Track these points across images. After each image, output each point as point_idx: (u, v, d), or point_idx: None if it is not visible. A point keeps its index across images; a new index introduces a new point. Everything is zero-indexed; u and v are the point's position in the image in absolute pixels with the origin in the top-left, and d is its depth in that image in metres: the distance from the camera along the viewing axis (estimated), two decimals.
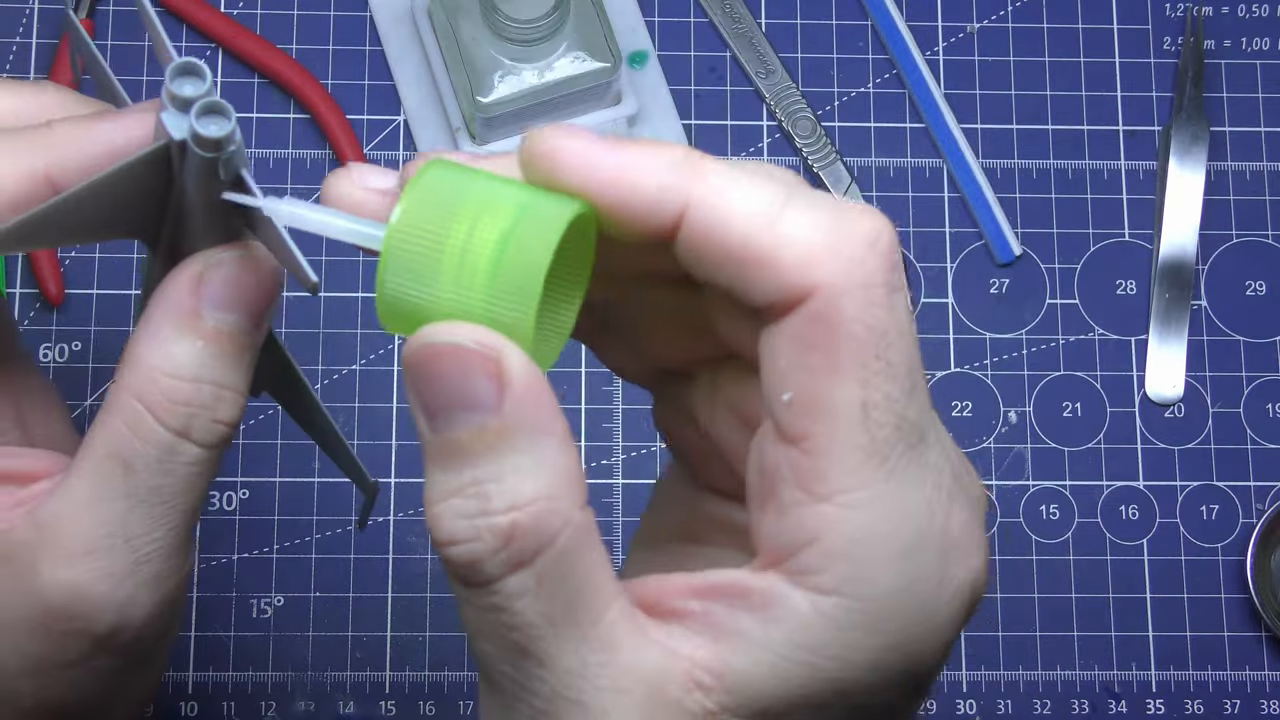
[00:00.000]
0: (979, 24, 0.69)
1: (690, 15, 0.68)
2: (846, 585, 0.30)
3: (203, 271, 0.35)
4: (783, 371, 0.30)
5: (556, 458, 0.30)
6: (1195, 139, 0.67)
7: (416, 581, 0.62)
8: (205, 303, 0.35)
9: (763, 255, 0.30)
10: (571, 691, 0.30)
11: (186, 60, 0.33)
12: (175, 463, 0.36)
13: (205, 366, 0.35)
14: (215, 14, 0.66)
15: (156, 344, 0.35)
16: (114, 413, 0.35)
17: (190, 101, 0.33)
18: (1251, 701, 0.63)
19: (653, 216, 0.31)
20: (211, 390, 0.36)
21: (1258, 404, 0.66)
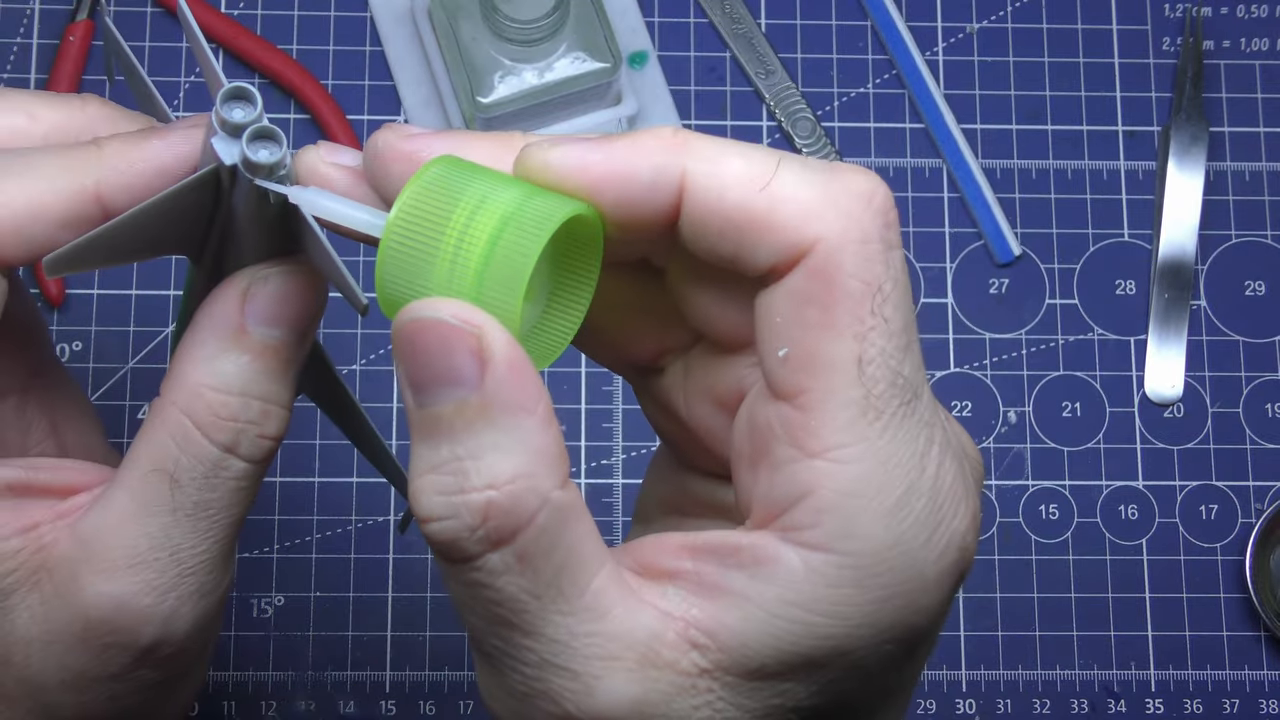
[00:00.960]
0: (979, 24, 0.69)
1: (690, 15, 0.68)
2: (837, 541, 0.30)
3: (248, 287, 0.36)
4: (779, 328, 0.31)
5: (536, 437, 0.30)
6: (1194, 139, 0.67)
7: (416, 581, 0.62)
8: (251, 318, 0.36)
9: (760, 218, 0.31)
10: (560, 659, 0.30)
11: (237, 85, 0.33)
12: (221, 477, 0.36)
13: (252, 381, 0.36)
14: (215, 14, 0.66)
15: (203, 359, 0.36)
16: (160, 427, 0.36)
17: (241, 127, 0.33)
18: (1251, 701, 0.63)
19: (652, 199, 0.31)
20: (259, 405, 0.36)
21: (1257, 404, 0.66)
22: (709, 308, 0.34)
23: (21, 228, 0.35)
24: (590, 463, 0.64)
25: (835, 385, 0.30)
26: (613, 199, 0.31)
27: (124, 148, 0.36)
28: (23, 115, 0.38)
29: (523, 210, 0.31)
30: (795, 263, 0.31)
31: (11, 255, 0.36)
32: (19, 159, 0.36)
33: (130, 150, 0.36)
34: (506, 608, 0.30)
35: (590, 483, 0.63)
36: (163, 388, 0.36)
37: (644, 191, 0.31)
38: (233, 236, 0.36)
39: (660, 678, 0.30)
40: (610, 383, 0.64)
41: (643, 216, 0.32)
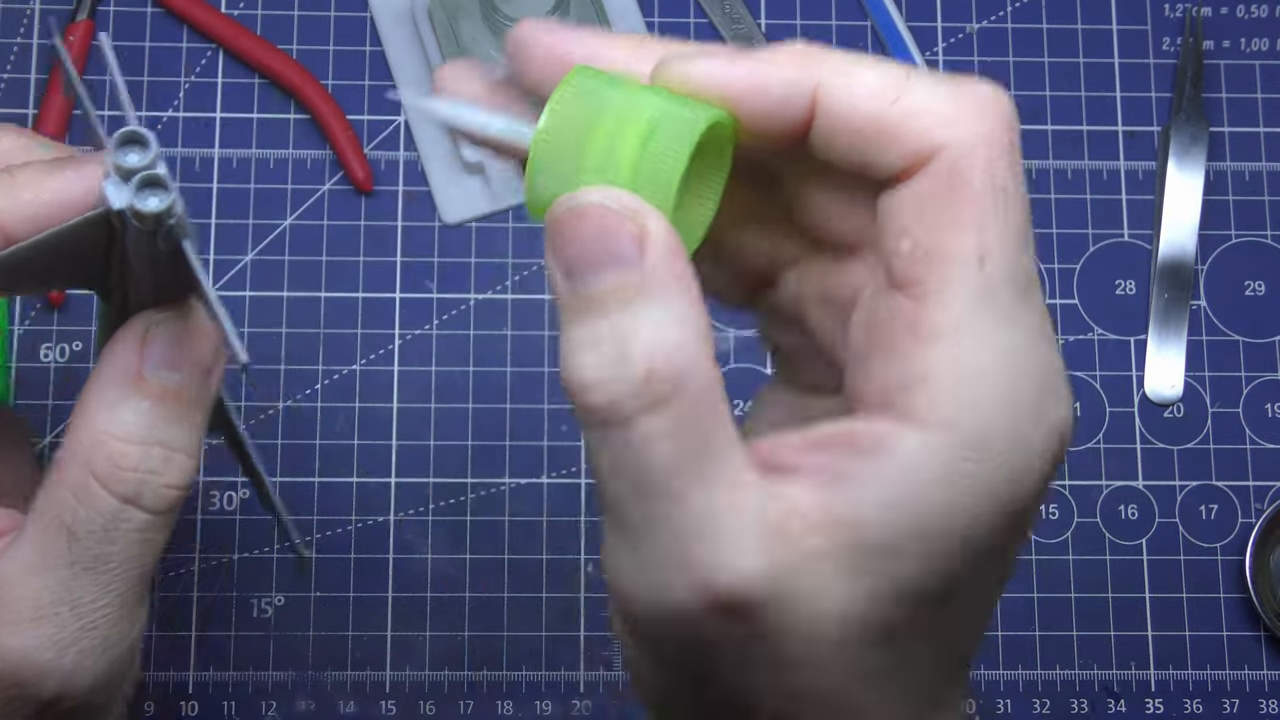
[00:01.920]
0: (979, 24, 0.69)
1: (690, 15, 0.68)
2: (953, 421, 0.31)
3: (146, 331, 0.35)
4: (902, 226, 0.32)
5: (692, 314, 0.31)
6: (1194, 139, 0.67)
7: (416, 581, 0.62)
8: (149, 363, 0.35)
9: (891, 126, 0.32)
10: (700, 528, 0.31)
11: (131, 130, 0.33)
12: (121, 530, 0.35)
13: (153, 428, 0.35)
14: (215, 14, 0.66)
15: (103, 407, 0.35)
16: (61, 478, 0.35)
17: (132, 172, 0.33)
18: (1250, 701, 0.63)
19: (785, 111, 0.33)
20: (160, 453, 0.35)
21: (1257, 404, 0.66)
22: (829, 210, 0.35)
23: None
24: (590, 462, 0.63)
25: (955, 275, 0.31)
26: (749, 110, 0.33)
27: (35, 177, 0.36)
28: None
29: (669, 115, 0.32)
30: (922, 166, 0.32)
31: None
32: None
33: (42, 180, 0.36)
34: (655, 474, 0.31)
35: (590, 483, 0.63)
36: (64, 438, 0.36)
37: (778, 105, 0.33)
38: (130, 275, 0.36)
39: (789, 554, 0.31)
40: None
41: (776, 127, 0.33)
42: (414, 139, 0.66)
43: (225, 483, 0.62)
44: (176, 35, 0.66)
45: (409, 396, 0.64)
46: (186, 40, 0.66)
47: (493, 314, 0.65)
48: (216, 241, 0.64)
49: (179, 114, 0.65)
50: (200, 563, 0.62)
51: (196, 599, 0.61)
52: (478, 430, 0.64)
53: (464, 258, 0.65)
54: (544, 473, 0.63)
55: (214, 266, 0.64)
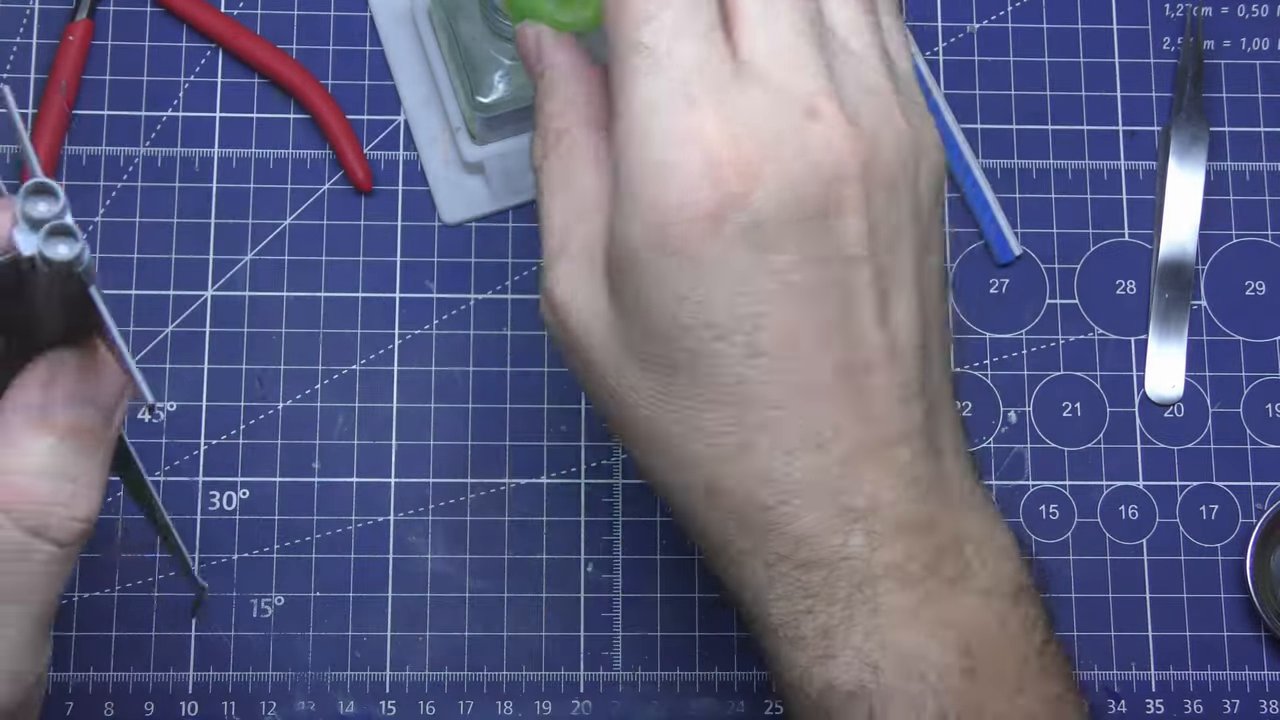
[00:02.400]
0: (979, 24, 0.69)
1: None
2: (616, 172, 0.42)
3: (52, 369, 0.36)
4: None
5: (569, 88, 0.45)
6: (1195, 139, 0.67)
7: (416, 581, 0.62)
8: (56, 399, 0.36)
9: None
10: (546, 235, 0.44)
11: (39, 180, 0.34)
12: (29, 561, 0.35)
13: (60, 463, 0.36)
14: (215, 14, 0.66)
15: (8, 442, 0.35)
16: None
17: (41, 222, 0.34)
18: (1251, 701, 0.63)
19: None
20: (69, 488, 0.36)
21: (1257, 404, 0.66)
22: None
23: None
24: (590, 463, 0.64)
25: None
26: None
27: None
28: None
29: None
30: None
31: None
32: None
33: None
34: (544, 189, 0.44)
35: (590, 482, 0.63)
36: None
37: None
38: (35, 320, 0.36)
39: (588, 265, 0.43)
40: None
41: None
42: (413, 139, 0.66)
43: (225, 483, 0.62)
44: (176, 35, 0.66)
45: (409, 396, 0.64)
46: (186, 40, 0.66)
47: (493, 314, 0.65)
48: (216, 241, 0.64)
49: (179, 114, 0.65)
50: (200, 562, 0.62)
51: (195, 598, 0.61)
52: (478, 430, 0.63)
53: (464, 258, 0.65)
54: (544, 473, 0.63)
55: (214, 266, 0.64)
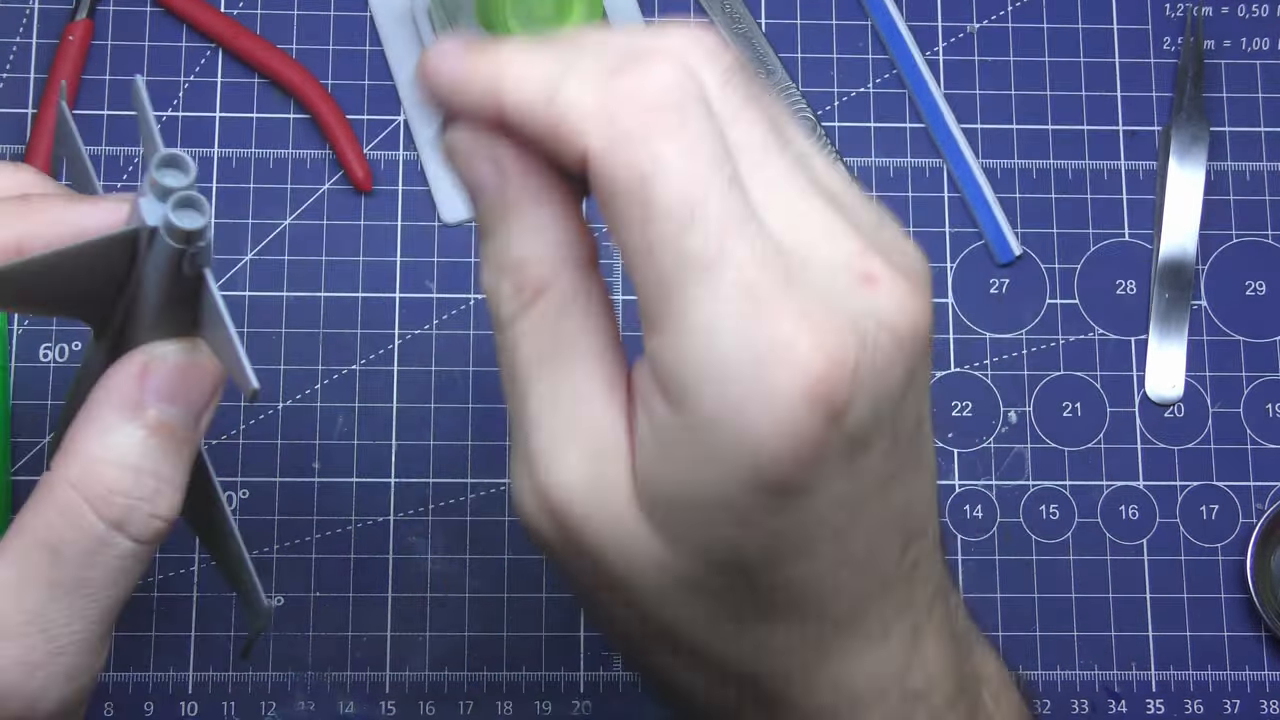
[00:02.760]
0: (979, 24, 0.69)
1: (690, 15, 0.68)
2: (676, 404, 0.33)
3: (148, 362, 0.36)
4: (608, 226, 0.34)
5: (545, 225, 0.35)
6: (1195, 139, 0.67)
7: (416, 581, 0.62)
8: (149, 393, 0.36)
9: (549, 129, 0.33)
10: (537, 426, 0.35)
11: (172, 152, 0.34)
12: (106, 555, 0.35)
13: (147, 457, 0.36)
14: (215, 14, 0.66)
15: (98, 432, 0.35)
16: (48, 498, 0.35)
17: (170, 191, 0.33)
18: (1251, 701, 0.63)
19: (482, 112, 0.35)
20: (152, 483, 0.36)
21: (1258, 404, 0.66)
22: None
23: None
24: None
25: (635, 273, 0.33)
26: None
27: (51, 207, 0.36)
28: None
29: None
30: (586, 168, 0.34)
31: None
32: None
33: (58, 210, 0.36)
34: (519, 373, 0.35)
35: None
36: (54, 461, 0.36)
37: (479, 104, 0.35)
38: (137, 309, 0.36)
39: (609, 471, 0.34)
40: None
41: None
42: (413, 139, 0.66)
43: (226, 483, 0.62)
44: (176, 35, 0.66)
45: (409, 396, 0.64)
46: (186, 40, 0.66)
47: None
48: (216, 241, 0.64)
49: (178, 114, 0.65)
50: (200, 562, 0.62)
51: (196, 599, 0.61)
52: (478, 430, 0.63)
53: (464, 258, 0.65)
54: None
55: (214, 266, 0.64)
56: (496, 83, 0.34)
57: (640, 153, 0.32)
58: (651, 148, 0.32)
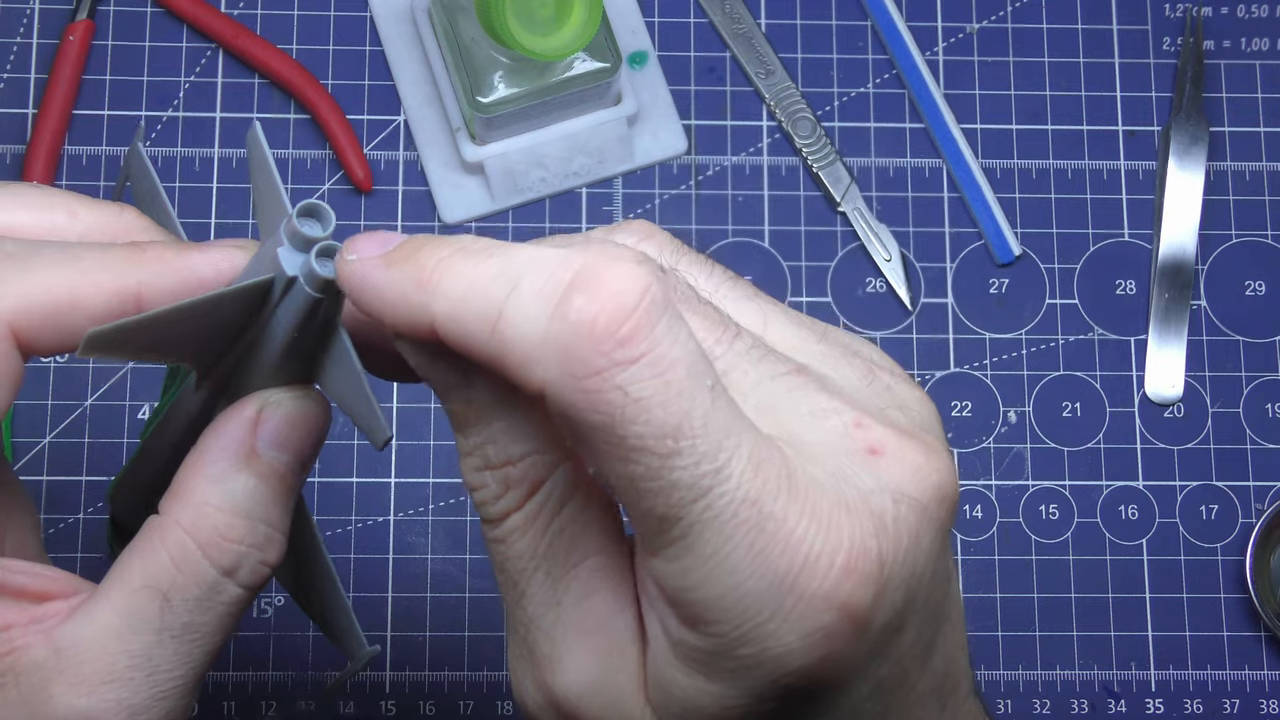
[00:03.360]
0: (979, 24, 0.69)
1: (690, 15, 0.68)
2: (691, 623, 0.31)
3: (262, 409, 0.36)
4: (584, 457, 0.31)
5: (538, 422, 0.32)
6: (1195, 139, 0.67)
7: (416, 581, 0.62)
8: (262, 440, 0.36)
9: (496, 362, 0.30)
10: (540, 627, 0.33)
11: (313, 202, 0.34)
12: (215, 601, 0.35)
13: (259, 504, 0.36)
14: (215, 14, 0.66)
15: (211, 477, 0.35)
16: (159, 544, 0.35)
17: (312, 241, 0.34)
18: (1251, 701, 0.63)
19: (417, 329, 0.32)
20: (264, 530, 0.36)
21: (1257, 404, 0.66)
22: None
23: (59, 315, 0.35)
24: None
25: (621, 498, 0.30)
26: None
27: (166, 254, 0.36)
28: (63, 212, 0.38)
29: None
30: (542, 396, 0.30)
31: (43, 343, 0.35)
32: (63, 250, 0.36)
33: (172, 258, 0.36)
34: (513, 565, 0.33)
35: None
36: (163, 505, 0.36)
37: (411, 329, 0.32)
38: (255, 356, 0.36)
39: (620, 670, 0.32)
40: None
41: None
42: (413, 139, 0.66)
43: None
44: (176, 35, 0.66)
45: (409, 396, 0.64)
46: (186, 40, 0.66)
47: None
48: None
49: (179, 114, 0.65)
50: None
51: None
52: None
53: None
54: None
55: None
56: (426, 303, 0.31)
57: (607, 391, 0.28)
58: (619, 381, 0.28)
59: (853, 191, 0.66)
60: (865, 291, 0.66)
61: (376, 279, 0.32)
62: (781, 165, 0.67)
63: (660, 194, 0.66)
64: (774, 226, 0.66)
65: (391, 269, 0.31)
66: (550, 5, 0.59)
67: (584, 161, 0.65)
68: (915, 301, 0.66)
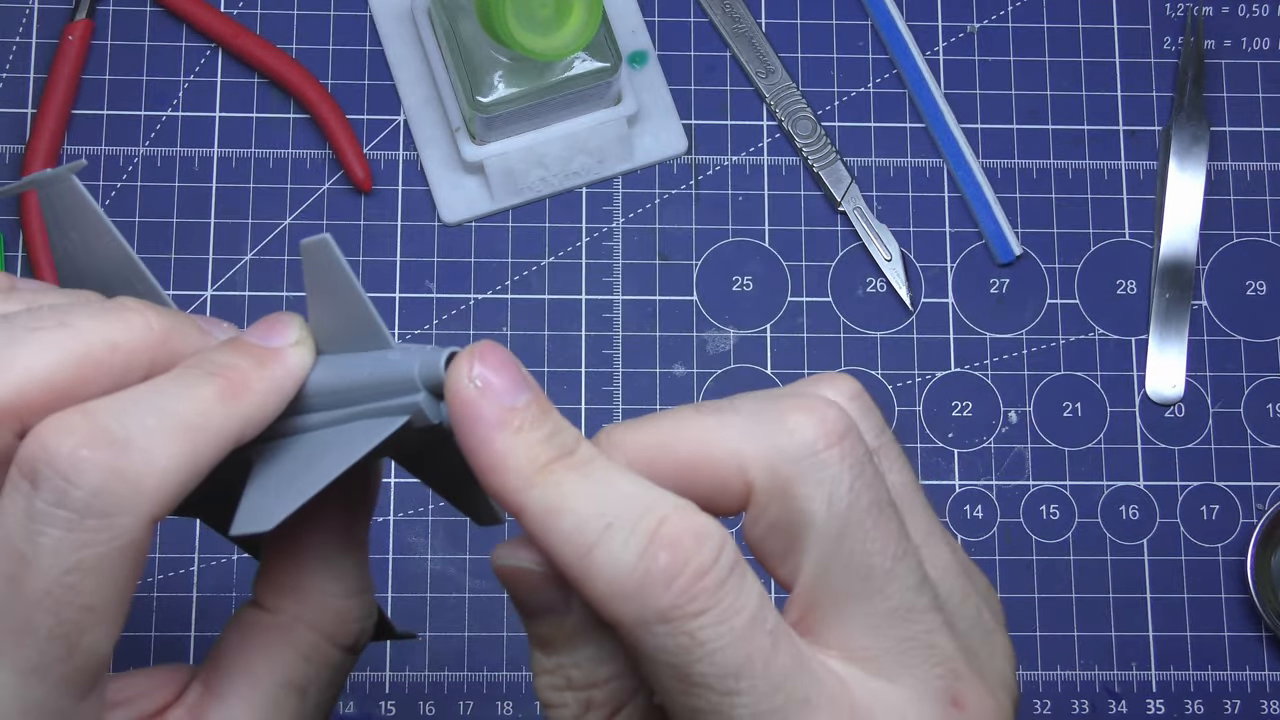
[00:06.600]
0: (979, 24, 0.69)
1: (690, 15, 0.68)
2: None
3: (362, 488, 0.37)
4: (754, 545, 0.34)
5: (616, 655, 0.34)
6: (1195, 139, 0.67)
7: (416, 581, 0.62)
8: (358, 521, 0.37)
9: (576, 580, 0.32)
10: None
11: (454, 350, 0.33)
12: (342, 675, 0.37)
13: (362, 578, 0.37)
14: (215, 14, 0.66)
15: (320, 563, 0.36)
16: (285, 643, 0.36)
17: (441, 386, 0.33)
18: (1251, 701, 0.63)
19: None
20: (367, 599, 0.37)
21: (1258, 404, 0.66)
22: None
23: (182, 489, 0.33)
24: None
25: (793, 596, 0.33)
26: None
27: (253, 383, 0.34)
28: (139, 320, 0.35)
29: None
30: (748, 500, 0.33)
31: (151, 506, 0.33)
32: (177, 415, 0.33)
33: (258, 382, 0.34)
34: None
35: None
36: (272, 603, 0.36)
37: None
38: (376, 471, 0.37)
39: None
40: (610, 383, 0.64)
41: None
42: (413, 139, 0.66)
43: None
44: (176, 34, 0.66)
45: None
46: (186, 39, 0.66)
47: (493, 314, 0.65)
48: (216, 241, 0.64)
49: (178, 113, 0.65)
50: (200, 562, 0.62)
51: (196, 599, 0.61)
52: None
53: (464, 258, 0.65)
54: None
55: (213, 266, 0.64)
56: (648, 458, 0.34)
57: (678, 635, 0.32)
58: (689, 628, 0.32)
59: (853, 191, 0.66)
60: (865, 291, 0.66)
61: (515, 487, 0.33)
62: (782, 165, 0.67)
63: (660, 194, 0.66)
64: (774, 226, 0.66)
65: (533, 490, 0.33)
66: (550, 5, 0.59)
67: (584, 161, 0.65)
68: (916, 301, 0.66)
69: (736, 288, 0.66)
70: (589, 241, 0.66)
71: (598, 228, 0.66)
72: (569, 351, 0.65)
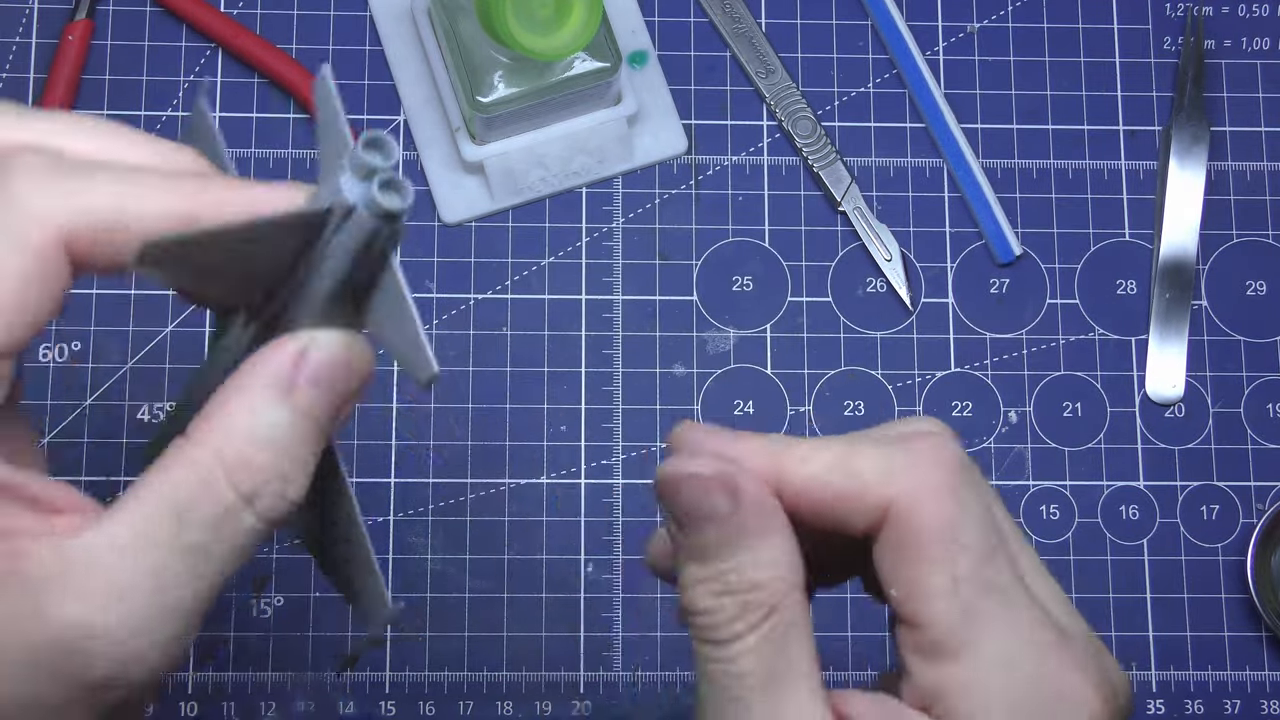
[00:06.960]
0: (979, 24, 0.69)
1: (690, 15, 0.68)
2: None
3: (307, 347, 0.36)
4: (887, 573, 0.37)
5: (781, 550, 0.37)
6: (1195, 139, 0.67)
7: (416, 581, 0.62)
8: (303, 377, 0.36)
9: (837, 495, 0.37)
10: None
11: (378, 134, 0.34)
12: (230, 528, 0.35)
13: (290, 439, 0.36)
14: (215, 14, 0.66)
15: (246, 406, 0.35)
16: (183, 465, 0.35)
17: (374, 171, 0.34)
18: (1251, 701, 0.63)
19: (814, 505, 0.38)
20: (288, 465, 0.36)
21: (1258, 404, 0.66)
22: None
23: (115, 230, 0.35)
24: (590, 463, 0.63)
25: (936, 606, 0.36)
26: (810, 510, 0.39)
27: (227, 185, 0.36)
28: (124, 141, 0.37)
29: None
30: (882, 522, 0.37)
31: (97, 258, 0.35)
32: (124, 170, 0.36)
33: (235, 191, 0.36)
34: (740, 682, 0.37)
35: (590, 483, 0.63)
36: (192, 429, 0.36)
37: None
38: (305, 293, 0.36)
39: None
40: (610, 383, 0.64)
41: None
42: (413, 139, 0.66)
43: None
44: (176, 34, 0.66)
45: (409, 396, 0.64)
46: (185, 39, 0.66)
47: (493, 314, 0.65)
48: None
49: (178, 113, 0.65)
50: None
51: None
52: (477, 430, 0.63)
53: (464, 258, 0.65)
54: (544, 473, 0.63)
55: None
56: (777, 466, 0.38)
57: (947, 500, 0.37)
58: (958, 495, 0.37)
59: (853, 191, 0.66)
60: (865, 291, 0.66)
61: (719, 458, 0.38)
62: (781, 165, 0.67)
63: (660, 194, 0.66)
64: (774, 226, 0.66)
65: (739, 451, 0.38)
66: (550, 5, 0.59)
67: (584, 161, 0.65)
68: (916, 301, 0.66)
69: (736, 288, 0.66)
70: (589, 241, 0.66)
71: (598, 228, 0.66)
72: (569, 351, 0.65)
